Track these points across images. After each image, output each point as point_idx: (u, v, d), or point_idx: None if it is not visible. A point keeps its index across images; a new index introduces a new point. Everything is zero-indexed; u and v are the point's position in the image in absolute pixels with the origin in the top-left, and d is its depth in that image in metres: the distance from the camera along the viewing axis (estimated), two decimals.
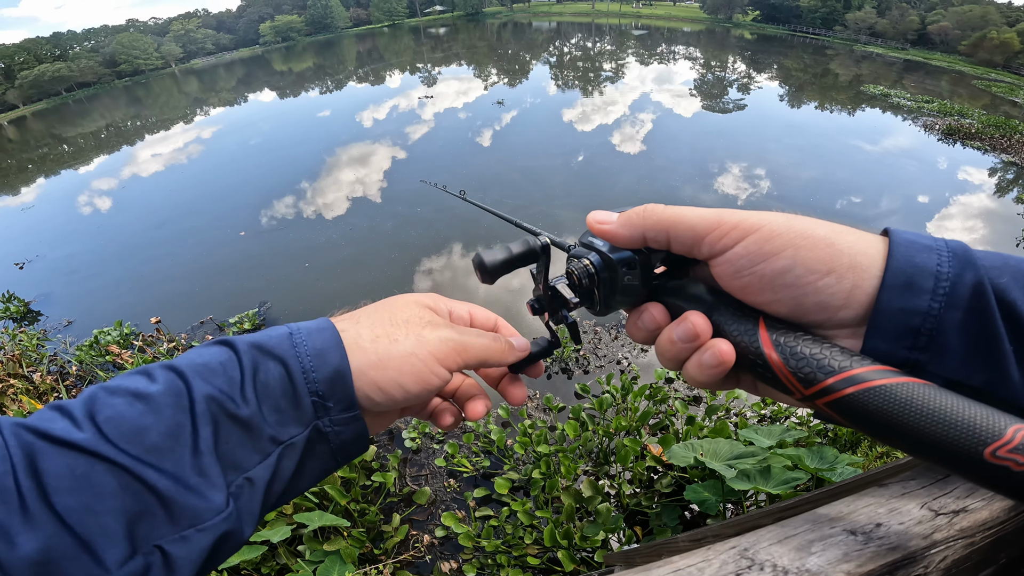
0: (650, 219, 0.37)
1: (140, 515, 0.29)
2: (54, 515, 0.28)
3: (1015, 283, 0.29)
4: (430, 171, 10.02)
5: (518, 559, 2.40)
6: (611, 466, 2.89)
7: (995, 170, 10.21)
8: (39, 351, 4.77)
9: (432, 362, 0.38)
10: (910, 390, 0.27)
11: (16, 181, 15.73)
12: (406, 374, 0.37)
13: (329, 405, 0.36)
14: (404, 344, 0.38)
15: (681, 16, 66.87)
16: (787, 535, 0.34)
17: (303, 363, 0.35)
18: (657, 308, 0.38)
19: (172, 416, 0.31)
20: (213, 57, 69.88)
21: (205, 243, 7.78)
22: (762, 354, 0.32)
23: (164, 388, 0.32)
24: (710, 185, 8.76)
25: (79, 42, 67.91)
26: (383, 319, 0.40)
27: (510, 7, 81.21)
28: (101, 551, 0.28)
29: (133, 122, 25.54)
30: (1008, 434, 0.25)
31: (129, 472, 0.29)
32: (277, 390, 0.35)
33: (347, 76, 30.48)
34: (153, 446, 0.30)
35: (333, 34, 73.64)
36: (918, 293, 0.30)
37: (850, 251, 0.32)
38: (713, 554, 0.34)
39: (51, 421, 0.30)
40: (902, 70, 29.64)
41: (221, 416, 0.33)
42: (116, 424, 0.30)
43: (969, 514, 0.32)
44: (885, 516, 0.33)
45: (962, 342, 0.29)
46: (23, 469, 0.28)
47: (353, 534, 2.44)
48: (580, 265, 0.39)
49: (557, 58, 30.47)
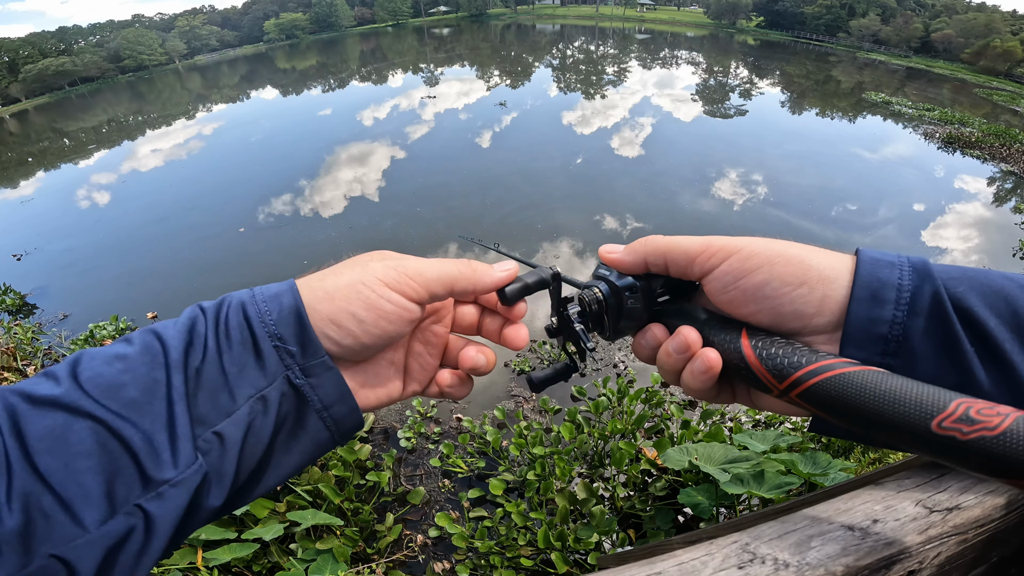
0: (650, 246, 0.43)
1: (116, 473, 0.30)
2: (37, 475, 0.28)
3: (971, 291, 0.33)
4: (431, 171, 10.03)
5: (511, 560, 2.39)
6: (606, 469, 2.89)
7: (994, 179, 10.23)
8: (34, 345, 4.76)
9: (380, 287, 0.38)
10: (865, 375, 0.31)
11: (16, 174, 15.69)
12: (354, 302, 0.37)
13: (293, 350, 0.35)
14: (349, 275, 0.38)
15: (685, 21, 67.06)
16: (787, 530, 0.35)
17: (259, 307, 0.36)
18: (658, 327, 0.43)
19: (148, 372, 0.32)
20: (217, 54, 69.85)
21: (204, 239, 7.77)
22: (743, 356, 0.36)
23: (141, 348, 0.33)
24: (708, 190, 8.77)
25: (84, 37, 67.85)
26: (335, 267, 0.40)
27: (514, 9, 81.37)
28: (80, 511, 0.29)
29: (135, 117, 25.50)
30: (951, 407, 0.28)
31: (106, 426, 0.30)
32: (237, 336, 0.35)
33: (350, 75, 30.51)
34: (131, 401, 0.31)
35: (337, 33, 73.70)
36: (883, 304, 0.34)
37: (819, 266, 0.36)
38: (716, 548, 0.35)
39: (35, 384, 0.31)
40: (904, 77, 29.76)
41: (191, 368, 0.33)
42: (96, 382, 0.31)
43: (962, 511, 0.33)
44: (881, 513, 0.34)
45: (929, 347, 0.33)
46: (8, 431, 0.29)
47: (346, 533, 2.43)
48: (590, 294, 0.44)
49: (560, 61, 30.54)
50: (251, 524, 2.20)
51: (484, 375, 0.46)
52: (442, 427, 3.52)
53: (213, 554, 1.87)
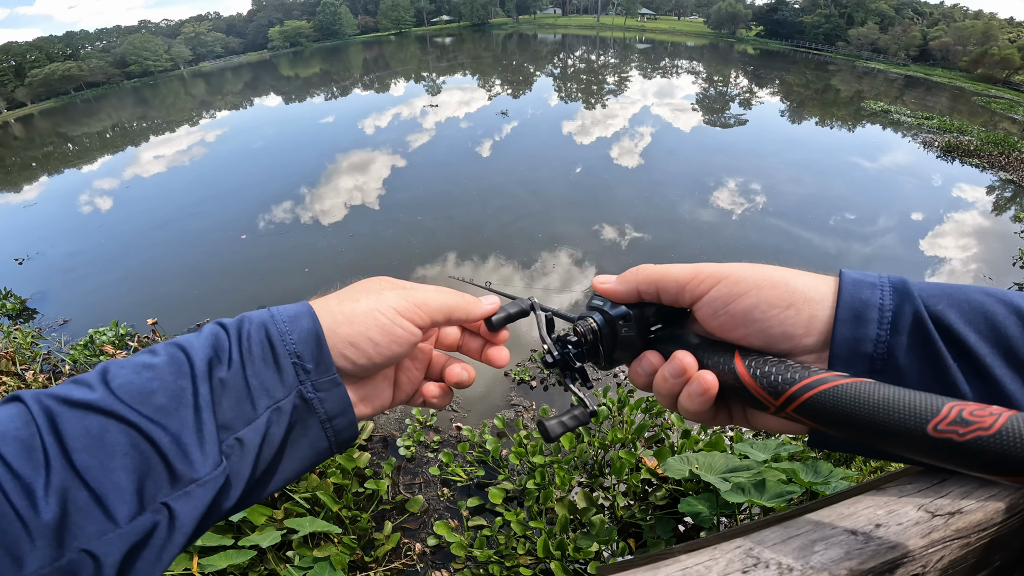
0: (641, 275, 0.44)
1: (147, 472, 0.32)
2: (74, 472, 0.30)
3: (950, 308, 0.34)
4: (432, 179, 10.07)
5: (510, 569, 2.37)
6: (606, 478, 2.87)
7: (993, 188, 10.25)
8: (33, 349, 4.75)
9: (394, 315, 0.42)
10: (859, 386, 0.32)
11: (19, 178, 15.77)
12: (371, 327, 0.41)
13: (309, 367, 0.39)
14: (366, 302, 0.42)
15: (685, 31, 67.67)
16: (790, 535, 0.35)
17: (280, 327, 0.40)
18: (654, 354, 0.44)
19: (175, 381, 0.35)
20: (221, 60, 70.47)
21: (206, 245, 7.79)
22: (738, 376, 0.37)
23: (167, 359, 0.36)
24: (707, 200, 8.78)
25: (91, 42, 68.50)
26: (347, 292, 0.45)
27: (516, 19, 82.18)
28: (112, 506, 0.31)
29: (139, 123, 25.69)
30: (945, 410, 0.29)
31: (139, 429, 0.33)
32: (258, 352, 0.38)
33: (352, 83, 30.75)
34: (160, 407, 0.34)
35: (341, 41, 74.39)
36: (866, 324, 0.35)
37: (804, 288, 0.38)
38: (719, 553, 0.35)
39: (69, 390, 0.34)
40: (903, 86, 29.96)
41: (215, 379, 0.36)
42: (127, 388, 0.34)
43: (964, 515, 0.33)
44: (884, 517, 0.35)
45: (913, 363, 0.35)
46: (47, 430, 0.31)
47: (344, 541, 2.41)
48: (585, 324, 0.46)
49: (560, 70, 30.78)
50: (248, 531, 2.19)
51: (466, 388, 0.51)
52: (441, 436, 3.50)
53: (209, 560, 1.85)
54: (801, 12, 58.30)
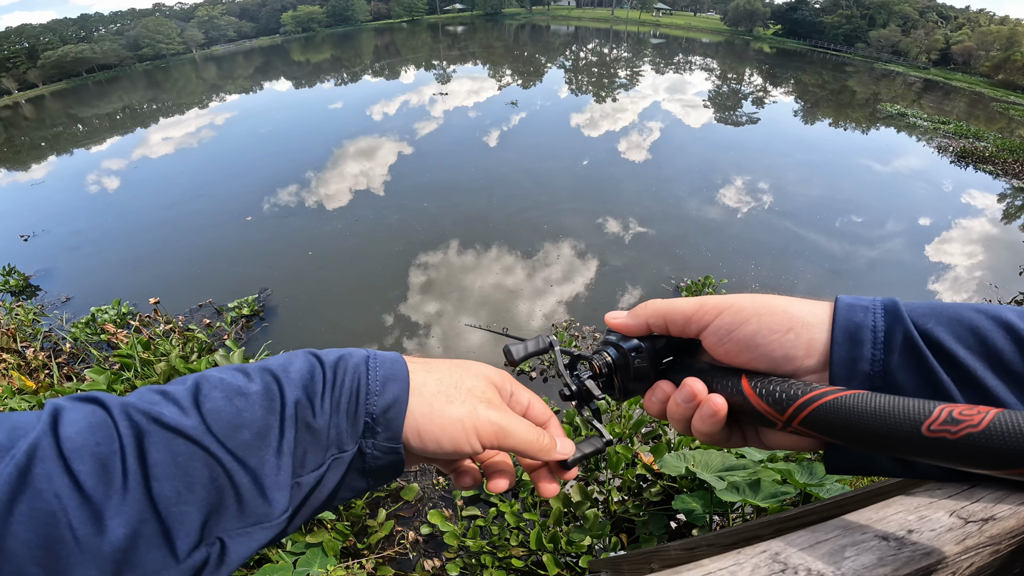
0: (650, 309, 0.46)
1: (217, 508, 0.31)
2: (150, 501, 0.29)
3: (939, 326, 0.36)
4: (438, 167, 10.02)
5: (502, 560, 2.36)
6: (601, 472, 2.85)
7: (1005, 196, 10.08)
8: (35, 326, 4.77)
9: (472, 434, 0.41)
10: (856, 397, 0.34)
11: (28, 158, 15.85)
12: (447, 433, 0.40)
13: (378, 431, 0.38)
14: (457, 408, 0.41)
15: (701, 27, 66.86)
16: (818, 540, 0.34)
17: (371, 385, 0.39)
18: (666, 383, 0.46)
19: (264, 417, 0.34)
20: (233, 44, 70.26)
21: (211, 226, 7.79)
22: (745, 397, 0.40)
23: (261, 389, 0.35)
24: (715, 197, 8.68)
25: (105, 24, 68.40)
26: (451, 379, 0.43)
27: (529, 9, 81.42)
28: (177, 540, 0.30)
29: (149, 105, 25.71)
30: (936, 412, 0.31)
31: (222, 465, 0.32)
32: (345, 405, 0.38)
33: (363, 69, 30.61)
34: (245, 443, 0.33)
35: (353, 27, 74.02)
36: (860, 344, 0.38)
37: (801, 314, 0.40)
38: (744, 558, 0.34)
39: (158, 405, 0.32)
40: (921, 89, 29.54)
41: (301, 423, 0.35)
42: (218, 417, 0.33)
43: (998, 522, 0.34)
44: (916, 523, 0.34)
45: (909, 379, 0.36)
46: (132, 450, 0.30)
47: (337, 527, 2.41)
48: (600, 358, 0.48)
49: (572, 62, 30.50)
50: None
51: None
52: None
53: None
54: (821, 12, 57.40)
